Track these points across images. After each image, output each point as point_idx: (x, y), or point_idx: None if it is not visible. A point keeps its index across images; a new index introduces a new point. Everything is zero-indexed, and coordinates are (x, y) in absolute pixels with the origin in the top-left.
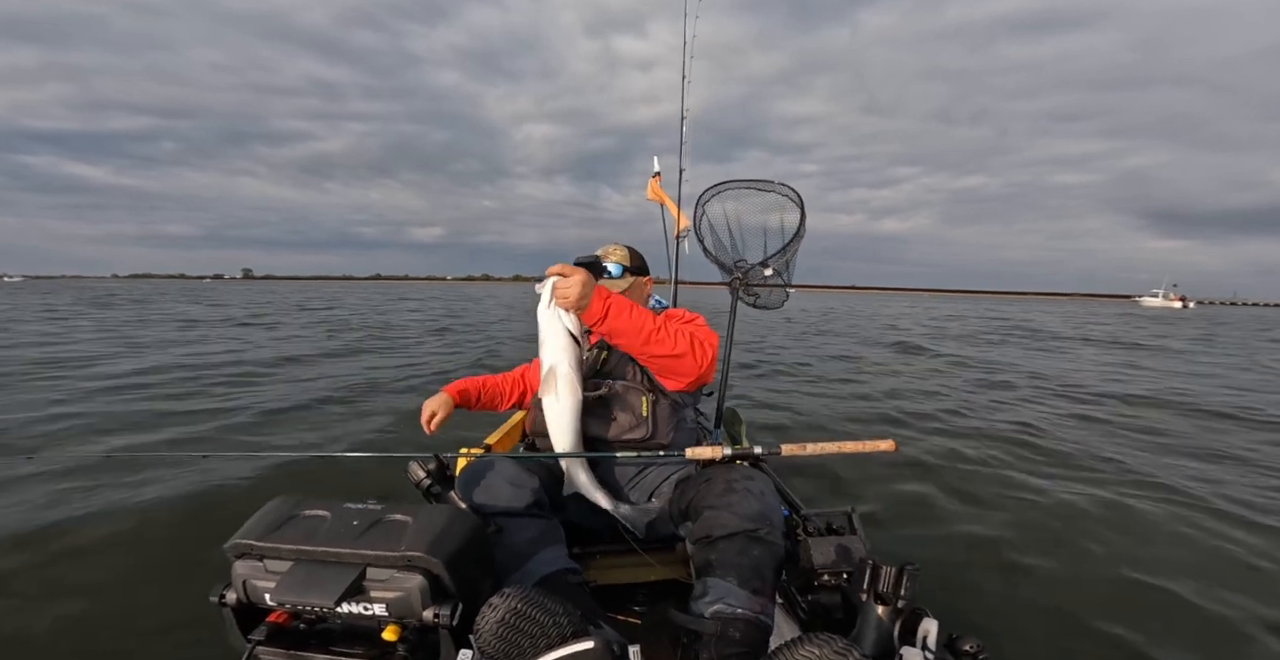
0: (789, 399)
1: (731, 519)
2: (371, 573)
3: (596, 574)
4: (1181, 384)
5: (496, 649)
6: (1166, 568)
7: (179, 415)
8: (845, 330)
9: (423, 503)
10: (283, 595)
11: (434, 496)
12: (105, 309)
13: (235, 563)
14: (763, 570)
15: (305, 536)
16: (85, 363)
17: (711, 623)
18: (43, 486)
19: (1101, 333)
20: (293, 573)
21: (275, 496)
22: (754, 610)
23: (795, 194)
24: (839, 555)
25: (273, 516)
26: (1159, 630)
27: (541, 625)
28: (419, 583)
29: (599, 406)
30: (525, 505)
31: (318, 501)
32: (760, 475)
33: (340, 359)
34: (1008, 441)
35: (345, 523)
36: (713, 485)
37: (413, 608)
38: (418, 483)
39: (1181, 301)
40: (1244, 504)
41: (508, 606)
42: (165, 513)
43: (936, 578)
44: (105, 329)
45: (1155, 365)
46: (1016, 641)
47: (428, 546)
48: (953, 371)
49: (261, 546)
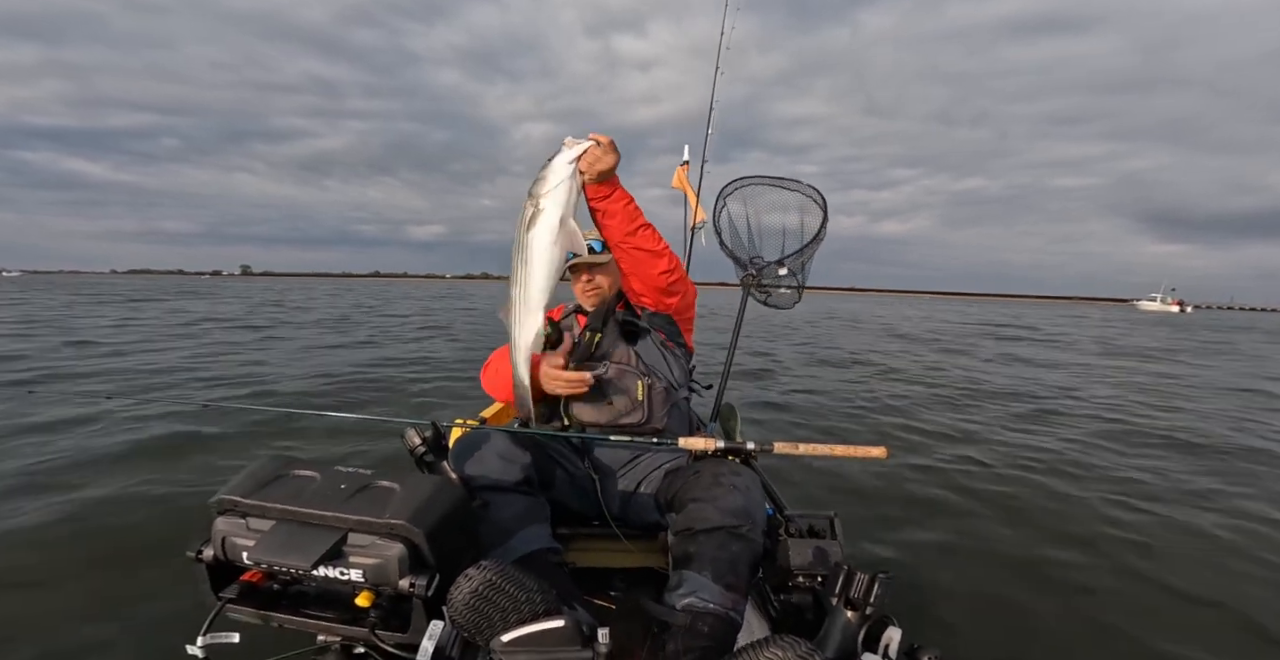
0: (787, 399)
1: (714, 513)
2: (353, 538)
3: (577, 556)
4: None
5: (467, 619)
6: (1152, 577)
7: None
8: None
9: (414, 471)
10: (260, 554)
11: (427, 465)
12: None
13: (217, 518)
14: (739, 567)
15: (291, 496)
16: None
17: (682, 614)
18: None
19: (1124, 341)
20: (274, 532)
21: (266, 453)
22: (725, 606)
23: (819, 195)
24: (816, 558)
25: (262, 473)
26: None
27: (514, 600)
28: (399, 551)
29: (594, 390)
30: (514, 481)
31: (309, 462)
32: (748, 472)
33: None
34: (1012, 456)
35: (333, 486)
36: (700, 478)
37: (390, 576)
38: (412, 450)
39: (1179, 306)
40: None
41: (482, 578)
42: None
43: (912, 587)
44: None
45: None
46: (978, 653)
47: (411, 516)
48: (961, 381)
49: (246, 504)
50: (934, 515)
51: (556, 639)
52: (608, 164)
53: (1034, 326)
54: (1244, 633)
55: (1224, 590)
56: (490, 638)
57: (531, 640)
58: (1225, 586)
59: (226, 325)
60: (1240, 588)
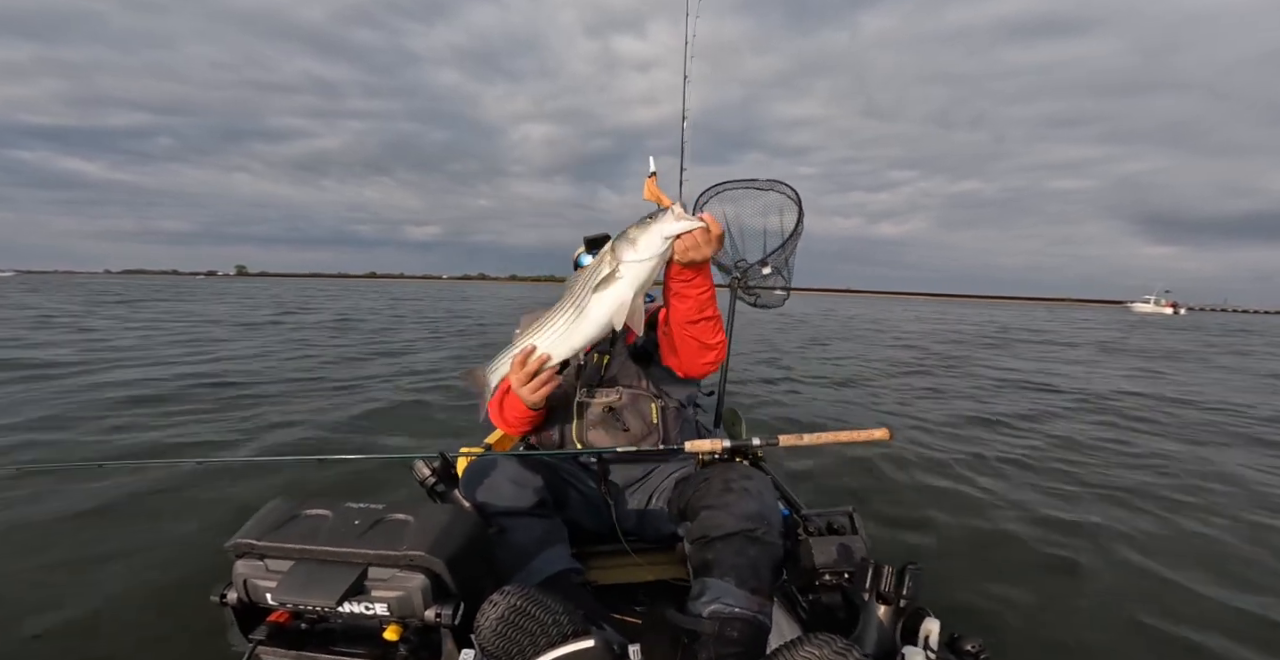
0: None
1: (729, 519)
2: (373, 572)
3: (597, 574)
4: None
5: (496, 646)
6: (1178, 566)
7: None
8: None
9: (425, 502)
10: (284, 595)
11: (439, 495)
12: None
13: (236, 562)
14: (760, 570)
15: (306, 536)
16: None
17: (709, 622)
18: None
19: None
20: (294, 572)
21: (274, 498)
22: (752, 609)
23: (793, 192)
24: (840, 555)
25: (273, 516)
26: (1166, 631)
27: (542, 623)
28: (420, 582)
29: (609, 417)
30: (530, 505)
31: (319, 501)
32: (759, 474)
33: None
34: (1022, 442)
35: (346, 522)
36: (710, 485)
37: (414, 607)
38: (422, 481)
39: (1173, 307)
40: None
41: (508, 604)
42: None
43: (939, 577)
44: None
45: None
46: (1020, 641)
47: (429, 546)
48: (967, 375)
49: (262, 546)
50: (953, 504)
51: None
52: (704, 255)
53: (1039, 329)
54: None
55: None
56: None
57: None
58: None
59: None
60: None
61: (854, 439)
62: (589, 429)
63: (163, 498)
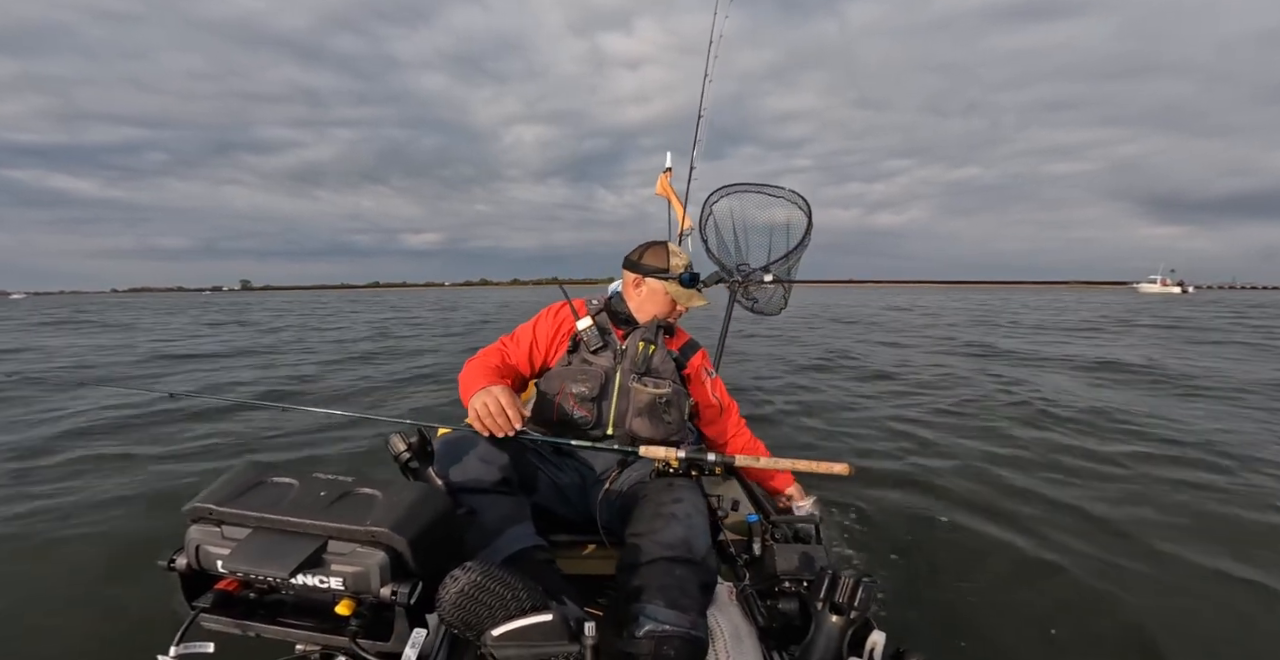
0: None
1: (654, 548)
2: (333, 546)
3: (563, 564)
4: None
5: (456, 617)
6: (1130, 581)
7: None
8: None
9: (396, 477)
10: (236, 563)
11: (411, 472)
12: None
13: (190, 526)
14: (688, 587)
15: (269, 504)
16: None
17: (645, 641)
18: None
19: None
20: (250, 541)
21: (246, 460)
22: (683, 626)
23: (804, 202)
24: (801, 563)
25: (238, 481)
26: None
27: (501, 598)
28: (380, 559)
29: (657, 407)
30: (493, 481)
31: (288, 470)
32: (692, 495)
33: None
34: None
35: (313, 493)
36: (643, 508)
37: (371, 584)
38: (396, 456)
39: (1180, 287)
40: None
41: (468, 579)
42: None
43: (894, 592)
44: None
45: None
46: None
47: (394, 523)
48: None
49: (221, 512)
50: (920, 521)
51: (544, 633)
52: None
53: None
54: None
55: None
56: (481, 632)
57: (520, 634)
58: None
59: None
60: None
61: (811, 470)
62: (634, 416)
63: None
